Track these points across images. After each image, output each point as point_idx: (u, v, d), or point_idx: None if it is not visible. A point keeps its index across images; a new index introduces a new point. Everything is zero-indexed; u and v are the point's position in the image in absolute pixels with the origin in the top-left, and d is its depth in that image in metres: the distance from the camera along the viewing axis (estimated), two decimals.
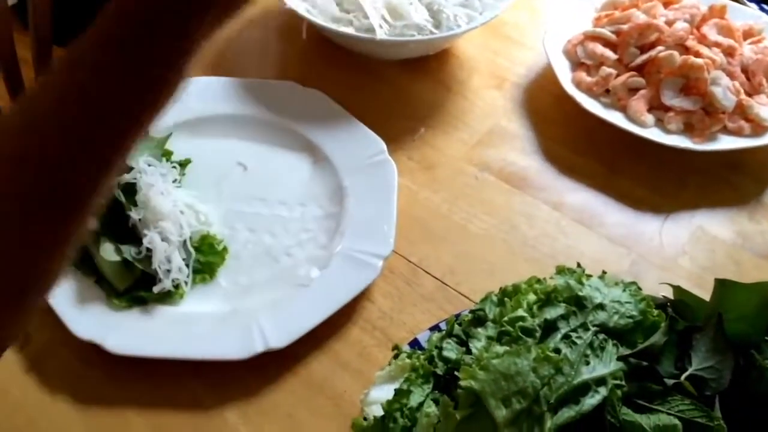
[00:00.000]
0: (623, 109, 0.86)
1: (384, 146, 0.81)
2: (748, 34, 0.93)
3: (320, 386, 0.66)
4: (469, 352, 0.56)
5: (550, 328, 0.55)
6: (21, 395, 0.65)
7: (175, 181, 0.75)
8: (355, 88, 0.92)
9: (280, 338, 0.66)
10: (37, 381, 0.66)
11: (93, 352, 0.65)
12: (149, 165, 0.73)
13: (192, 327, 0.68)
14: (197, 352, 0.66)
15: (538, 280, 0.61)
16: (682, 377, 0.54)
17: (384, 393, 0.57)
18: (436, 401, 0.54)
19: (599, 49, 0.90)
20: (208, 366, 0.66)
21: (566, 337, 0.54)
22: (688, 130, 0.84)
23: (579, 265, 0.63)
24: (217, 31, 0.41)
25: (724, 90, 0.84)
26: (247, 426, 0.64)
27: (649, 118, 0.85)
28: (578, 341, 0.54)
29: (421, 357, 0.58)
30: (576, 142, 0.87)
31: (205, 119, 0.85)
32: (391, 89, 0.93)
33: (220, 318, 0.68)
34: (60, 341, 0.67)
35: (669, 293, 0.62)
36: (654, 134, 0.83)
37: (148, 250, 0.68)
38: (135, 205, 0.69)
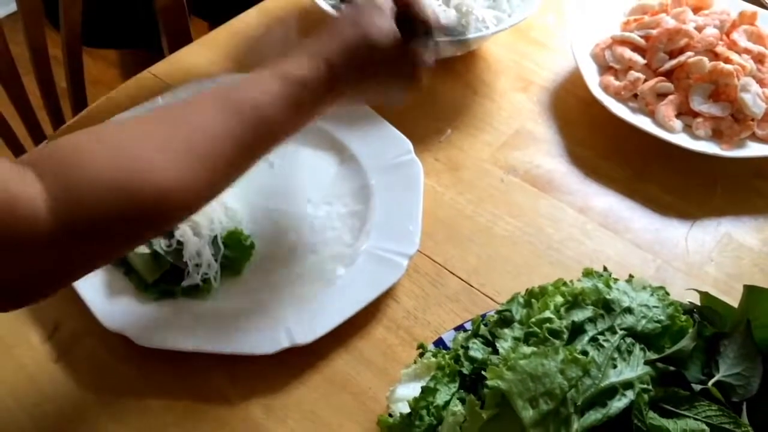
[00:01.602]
0: (651, 114, 0.86)
1: (410, 146, 0.81)
2: None
3: (344, 383, 0.66)
4: (495, 352, 0.56)
5: (577, 330, 0.55)
6: (49, 384, 0.66)
7: None
8: None
9: (305, 335, 0.66)
10: (66, 370, 0.67)
11: (121, 343, 0.66)
12: None
13: (218, 321, 0.68)
14: (223, 346, 0.66)
15: (565, 283, 0.61)
16: (710, 383, 0.54)
17: (410, 391, 0.57)
18: (462, 400, 0.54)
19: (628, 53, 0.89)
20: (233, 360, 0.66)
21: (594, 339, 0.54)
22: (717, 136, 0.84)
23: (605, 268, 0.63)
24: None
25: (754, 97, 0.84)
26: (271, 420, 0.64)
27: (678, 123, 0.84)
28: (606, 344, 0.54)
29: (447, 356, 0.58)
30: (602, 146, 0.87)
31: None
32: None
33: (246, 313, 0.69)
34: (88, 332, 0.68)
35: (696, 299, 0.61)
36: (682, 140, 0.83)
37: (179, 243, 0.68)
38: None
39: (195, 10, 1.93)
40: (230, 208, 0.75)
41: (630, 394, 0.52)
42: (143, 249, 0.68)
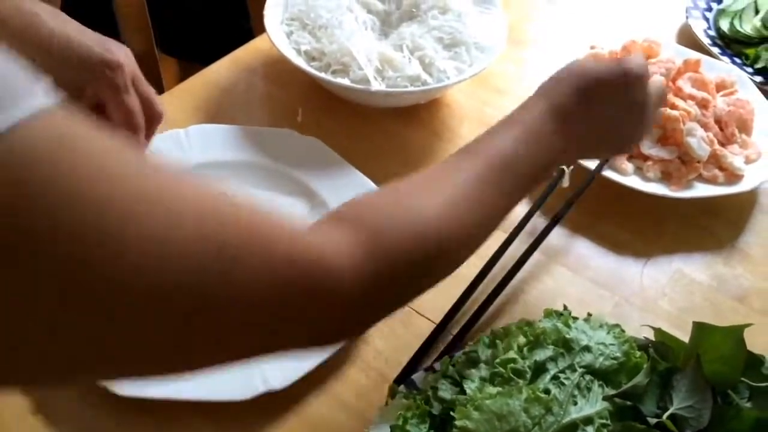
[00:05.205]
0: None
1: None
2: (720, 87, 0.98)
3: (319, 425, 0.69)
4: (463, 392, 0.59)
5: (539, 369, 0.59)
6: None
7: None
8: (350, 135, 0.96)
9: (280, 379, 0.69)
10: (44, 422, 0.67)
11: (99, 394, 0.67)
12: None
13: None
14: (200, 393, 0.68)
15: (528, 323, 0.64)
16: (664, 416, 0.57)
17: (384, 431, 0.60)
18: None
19: None
20: (210, 407, 0.68)
21: (555, 378, 0.58)
22: (666, 178, 0.89)
23: (565, 307, 0.67)
24: None
25: (699, 140, 0.89)
26: None
27: (629, 166, 0.90)
28: (566, 382, 0.57)
29: (418, 397, 0.61)
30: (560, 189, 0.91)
31: (206, 165, 0.88)
32: (385, 136, 0.97)
33: None
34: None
35: (650, 334, 0.65)
36: (634, 182, 0.88)
37: None
38: None
39: (165, 48, 1.95)
40: None
41: (590, 430, 0.55)
42: None
